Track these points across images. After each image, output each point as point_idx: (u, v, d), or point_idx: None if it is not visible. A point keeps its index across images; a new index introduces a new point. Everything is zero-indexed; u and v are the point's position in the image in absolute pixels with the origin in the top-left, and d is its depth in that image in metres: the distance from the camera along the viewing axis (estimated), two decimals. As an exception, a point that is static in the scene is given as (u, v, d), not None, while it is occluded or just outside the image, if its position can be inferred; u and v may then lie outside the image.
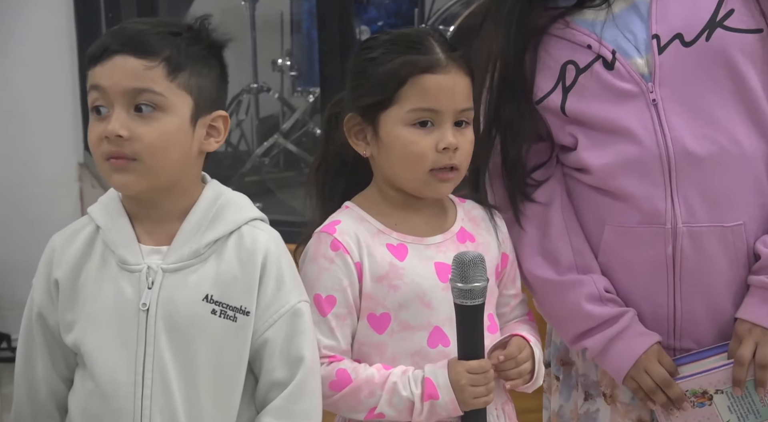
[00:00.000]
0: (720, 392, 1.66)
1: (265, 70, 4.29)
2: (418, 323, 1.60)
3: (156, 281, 1.46)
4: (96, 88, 1.44)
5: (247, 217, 1.52)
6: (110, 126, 1.42)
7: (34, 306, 1.53)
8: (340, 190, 1.70)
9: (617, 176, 1.66)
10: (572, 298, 1.70)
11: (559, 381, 1.85)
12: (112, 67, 1.43)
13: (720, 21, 1.64)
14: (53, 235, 1.54)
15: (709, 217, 1.64)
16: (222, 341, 1.47)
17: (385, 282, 1.60)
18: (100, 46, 1.45)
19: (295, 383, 1.49)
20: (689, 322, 1.68)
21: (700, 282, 1.66)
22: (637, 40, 1.67)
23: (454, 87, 1.59)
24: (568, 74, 1.69)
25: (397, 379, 1.56)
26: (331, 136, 1.70)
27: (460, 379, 1.55)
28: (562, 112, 1.69)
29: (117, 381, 1.45)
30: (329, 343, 1.58)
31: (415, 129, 1.59)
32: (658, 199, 1.64)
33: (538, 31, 1.70)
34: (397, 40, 1.63)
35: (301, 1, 4.09)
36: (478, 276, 1.53)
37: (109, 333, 1.46)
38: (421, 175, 1.60)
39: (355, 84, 1.64)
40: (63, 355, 1.52)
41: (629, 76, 1.66)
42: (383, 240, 1.62)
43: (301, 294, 1.53)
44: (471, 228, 1.68)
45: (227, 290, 1.48)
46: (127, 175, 1.44)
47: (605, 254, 1.71)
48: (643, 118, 1.64)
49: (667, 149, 1.63)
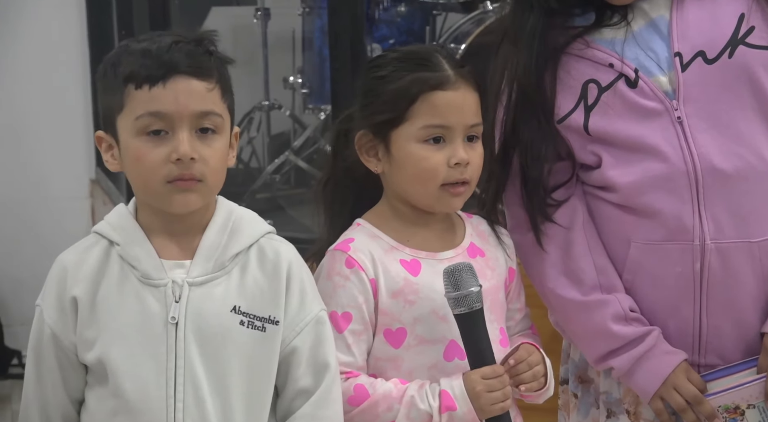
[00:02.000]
0: (752, 407, 1.65)
1: (277, 88, 4.31)
2: (434, 337, 1.61)
3: (183, 295, 1.47)
4: (156, 115, 1.42)
5: (263, 230, 1.54)
6: (183, 149, 1.42)
7: (45, 327, 1.50)
8: (348, 206, 1.71)
9: (644, 193, 1.66)
10: (597, 319, 1.69)
11: (578, 399, 1.83)
12: (176, 90, 1.43)
13: (742, 38, 1.64)
14: (60, 255, 1.53)
15: (737, 233, 1.63)
16: (252, 352, 1.48)
17: (400, 298, 1.60)
18: (154, 67, 1.42)
19: (322, 389, 1.50)
20: (715, 338, 1.67)
21: (726, 297, 1.65)
22: (659, 57, 1.66)
23: (464, 103, 1.61)
24: (590, 93, 1.68)
25: (414, 393, 1.56)
26: (340, 153, 1.71)
27: (475, 386, 1.55)
28: (585, 131, 1.69)
29: (148, 396, 1.45)
30: (346, 359, 1.58)
31: (426, 145, 1.60)
32: (686, 215, 1.64)
33: (557, 51, 1.70)
34: (405, 57, 1.64)
35: (312, 18, 4.10)
36: (470, 282, 1.55)
37: (136, 347, 1.46)
38: (434, 191, 1.61)
39: (365, 102, 1.65)
40: (75, 376, 1.51)
41: (653, 94, 1.65)
42: (397, 256, 1.63)
43: (321, 303, 1.56)
44: (480, 243, 1.69)
45: (254, 301, 1.49)
46: (191, 194, 1.45)
47: (631, 272, 1.70)
48: (669, 135, 1.64)
49: (694, 166, 1.63)
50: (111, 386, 1.47)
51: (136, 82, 1.43)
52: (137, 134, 1.44)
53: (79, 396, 1.53)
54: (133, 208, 1.53)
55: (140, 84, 1.43)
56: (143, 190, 1.47)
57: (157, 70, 1.43)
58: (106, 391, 1.48)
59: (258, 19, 4.22)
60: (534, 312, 1.79)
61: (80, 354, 1.49)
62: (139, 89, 1.43)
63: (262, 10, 4.21)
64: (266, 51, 4.22)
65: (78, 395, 1.52)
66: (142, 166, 1.44)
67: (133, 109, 1.44)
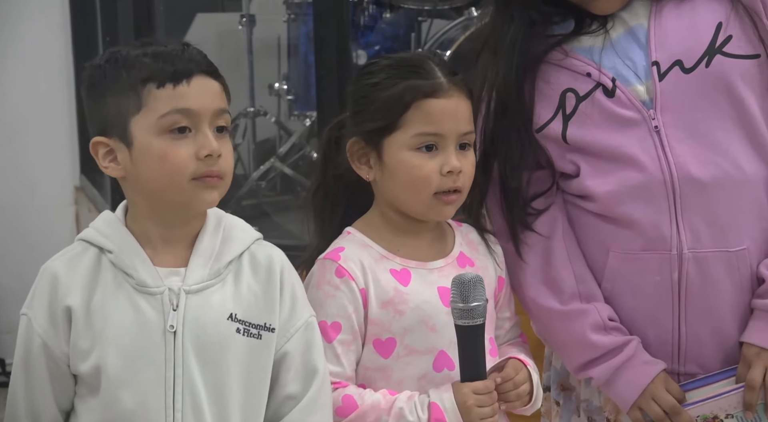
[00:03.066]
0: (730, 416, 1.64)
1: (262, 94, 4.31)
2: (424, 347, 1.60)
3: (180, 303, 1.46)
4: (183, 112, 1.43)
5: (254, 237, 1.54)
6: (212, 145, 1.43)
7: (35, 336, 1.47)
8: (339, 214, 1.70)
9: (622, 203, 1.65)
10: (577, 328, 1.68)
11: (560, 406, 1.83)
12: (200, 88, 1.45)
13: (719, 47, 1.63)
14: (47, 263, 1.50)
15: (714, 243, 1.63)
16: (248, 359, 1.48)
17: (390, 308, 1.59)
18: (175, 66, 1.44)
19: (310, 395, 1.50)
20: (694, 347, 1.66)
21: (705, 307, 1.64)
22: (636, 66, 1.66)
23: (457, 111, 1.60)
24: (567, 102, 1.68)
25: (403, 404, 1.55)
26: (330, 160, 1.70)
27: (466, 401, 1.54)
28: (563, 140, 1.68)
29: (146, 406, 1.44)
30: (335, 369, 1.57)
31: (419, 153, 1.59)
32: (663, 225, 1.63)
33: (536, 60, 1.69)
34: (398, 64, 1.64)
35: (298, 25, 4.11)
36: (478, 296, 1.54)
37: (134, 356, 1.45)
38: (426, 199, 1.60)
39: (357, 109, 1.64)
40: (65, 386, 1.49)
41: (630, 104, 1.65)
42: (387, 266, 1.62)
43: (310, 309, 1.56)
44: (469, 252, 1.68)
45: (249, 308, 1.49)
46: (215, 191, 1.46)
47: (610, 280, 1.69)
48: (646, 145, 1.63)
49: (671, 175, 1.62)
50: (104, 396, 1.45)
51: (158, 81, 1.43)
52: (160, 132, 1.43)
53: (68, 406, 1.51)
54: (122, 215, 1.51)
55: (163, 83, 1.43)
56: (164, 188, 1.45)
57: (181, 70, 1.44)
58: (98, 402, 1.46)
59: (243, 26, 4.22)
60: (523, 319, 1.78)
61: (73, 364, 1.47)
62: (162, 88, 1.43)
63: (247, 17, 4.22)
64: (251, 57, 4.23)
65: (67, 404, 1.50)
66: (168, 164, 1.43)
67: (156, 109, 1.43)
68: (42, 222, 4.26)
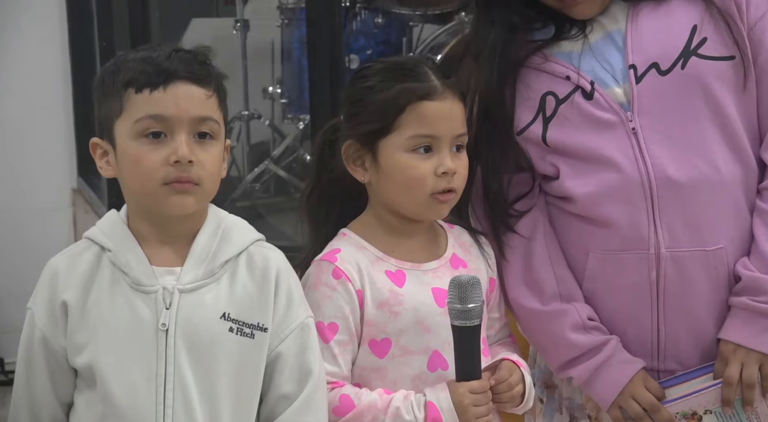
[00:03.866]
0: (709, 412, 1.65)
1: (256, 98, 4.32)
2: (418, 348, 1.60)
3: (173, 301, 1.46)
4: (155, 118, 1.43)
5: (253, 238, 1.53)
6: (182, 151, 1.42)
7: (36, 330, 1.49)
8: (333, 216, 1.69)
9: (601, 204, 1.65)
10: (556, 328, 1.69)
11: (543, 404, 1.83)
12: (176, 95, 1.43)
13: (694, 49, 1.63)
14: (51, 259, 1.51)
15: (691, 242, 1.63)
16: (240, 358, 1.48)
17: (386, 309, 1.59)
18: (154, 72, 1.43)
19: (304, 396, 1.50)
20: (673, 344, 1.67)
21: (682, 305, 1.65)
22: (614, 69, 1.66)
23: (451, 113, 1.60)
24: (547, 105, 1.68)
25: (399, 404, 1.55)
26: (325, 163, 1.70)
27: (463, 400, 1.54)
28: (543, 143, 1.68)
29: (137, 401, 1.44)
30: (332, 369, 1.57)
31: (414, 154, 1.59)
32: (641, 225, 1.63)
33: (516, 65, 1.69)
34: (392, 68, 1.64)
35: (291, 30, 4.10)
36: (476, 297, 1.54)
37: (127, 353, 1.45)
38: (422, 199, 1.60)
39: (352, 112, 1.64)
40: (64, 379, 1.50)
41: (608, 106, 1.65)
42: (383, 267, 1.61)
43: (308, 310, 1.55)
44: (462, 254, 1.68)
45: (243, 308, 1.49)
46: (187, 197, 1.45)
47: (590, 280, 1.70)
48: (624, 147, 1.64)
49: (648, 176, 1.63)
50: (100, 391, 1.46)
51: (136, 86, 1.44)
52: (136, 137, 1.44)
53: (68, 399, 1.51)
54: (125, 214, 1.52)
55: (140, 88, 1.43)
56: (140, 192, 1.46)
57: (158, 75, 1.44)
58: (96, 396, 1.46)
59: (237, 31, 4.23)
60: (512, 319, 1.78)
61: (70, 358, 1.48)
62: (140, 93, 1.43)
63: (241, 22, 4.22)
64: (246, 62, 4.23)
65: (67, 398, 1.51)
66: (140, 168, 1.44)
67: (133, 113, 1.44)
68: (40, 224, 4.26)
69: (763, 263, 1.62)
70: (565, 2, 1.67)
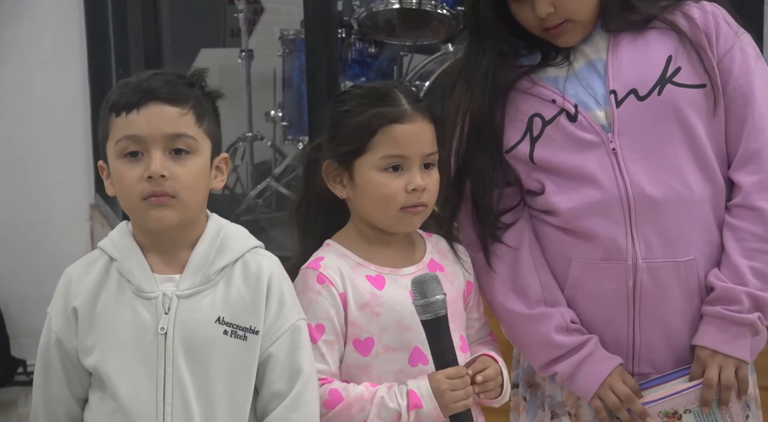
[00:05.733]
0: (688, 411, 1.65)
1: (259, 120, 4.31)
2: (400, 345, 1.61)
3: (172, 307, 1.47)
4: (131, 138, 1.44)
5: (249, 246, 1.53)
6: (153, 167, 1.43)
7: (52, 333, 1.51)
8: (319, 227, 1.70)
9: (583, 218, 1.66)
10: (542, 330, 1.69)
11: (527, 402, 1.83)
12: (148, 115, 1.44)
13: (669, 77, 1.65)
14: (67, 268, 1.54)
15: (665, 253, 1.64)
16: (234, 359, 1.48)
17: (367, 310, 1.60)
18: (131, 96, 1.44)
19: (294, 394, 1.49)
20: (647, 349, 1.68)
21: (656, 312, 1.66)
22: (596, 94, 1.68)
23: (420, 134, 1.61)
24: (534, 126, 1.69)
25: (384, 394, 1.56)
26: (311, 179, 1.70)
27: (440, 385, 1.55)
28: (530, 161, 1.70)
29: (140, 400, 1.46)
30: (321, 367, 1.57)
31: (386, 173, 1.60)
32: (619, 237, 1.64)
33: (506, 88, 1.71)
34: (367, 93, 1.65)
35: (292, 59, 4.11)
36: (436, 290, 1.56)
37: (130, 355, 1.47)
38: (394, 213, 1.61)
39: (331, 134, 1.65)
40: (78, 377, 1.52)
41: (590, 128, 1.66)
42: (363, 272, 1.62)
43: (300, 313, 1.54)
44: (439, 259, 1.69)
45: (237, 312, 1.49)
46: (165, 210, 1.45)
47: (571, 288, 1.70)
48: (605, 165, 1.65)
49: (627, 193, 1.64)
50: (108, 389, 1.48)
51: (116, 110, 1.45)
52: (118, 157, 1.46)
53: (84, 395, 1.53)
54: (132, 226, 1.54)
55: (119, 111, 1.45)
56: (127, 208, 1.48)
57: (133, 98, 1.44)
58: (106, 393, 1.48)
59: (243, 60, 4.23)
60: (493, 321, 1.79)
61: (81, 358, 1.50)
62: (119, 116, 1.45)
63: (246, 52, 4.22)
64: (250, 88, 4.23)
65: (83, 394, 1.53)
66: (123, 185, 1.46)
67: (115, 135, 1.46)
68: (60, 237, 4.25)
69: (735, 274, 1.64)
70: (549, 33, 1.67)
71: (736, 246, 1.65)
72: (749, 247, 1.64)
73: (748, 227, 1.64)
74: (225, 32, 4.72)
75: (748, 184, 1.65)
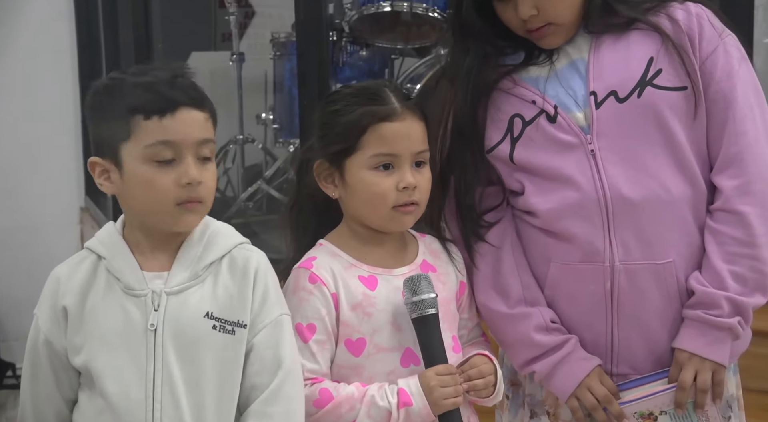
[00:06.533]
0: (664, 413, 1.65)
1: (250, 123, 4.32)
2: (391, 345, 1.60)
3: (161, 303, 1.47)
4: (166, 143, 1.42)
5: (236, 242, 1.53)
6: (192, 174, 1.43)
7: (40, 333, 1.50)
8: (312, 228, 1.69)
9: (561, 219, 1.66)
10: (522, 329, 1.69)
11: (509, 400, 1.84)
12: (182, 121, 1.43)
13: (650, 80, 1.63)
14: (55, 269, 1.52)
15: (643, 256, 1.63)
16: (223, 354, 1.48)
17: (359, 310, 1.59)
18: (162, 99, 1.42)
19: (272, 387, 1.48)
20: (625, 350, 1.67)
21: (635, 313, 1.65)
22: (576, 95, 1.66)
23: (410, 132, 1.60)
24: (515, 126, 1.68)
25: (374, 392, 1.55)
26: (303, 180, 1.69)
27: (429, 382, 1.54)
28: (510, 161, 1.69)
29: (129, 397, 1.45)
30: (312, 367, 1.57)
31: (377, 172, 1.59)
32: (597, 239, 1.63)
33: (488, 88, 1.70)
34: (357, 92, 1.63)
35: (283, 62, 4.12)
36: (426, 289, 1.56)
37: (119, 353, 1.46)
38: (385, 213, 1.60)
39: (322, 133, 1.64)
40: (67, 378, 1.50)
41: (569, 129, 1.65)
42: (355, 273, 1.61)
43: (283, 308, 1.54)
44: (432, 260, 1.68)
45: (225, 307, 1.48)
46: (195, 215, 1.46)
47: (551, 288, 1.70)
48: (583, 167, 1.64)
49: (605, 194, 1.63)
50: (96, 387, 1.46)
51: (144, 113, 1.42)
52: (146, 161, 1.43)
53: (73, 396, 1.52)
54: (120, 225, 1.53)
55: (149, 115, 1.42)
56: (149, 211, 1.46)
57: (166, 102, 1.42)
58: (95, 392, 1.47)
59: (234, 63, 4.23)
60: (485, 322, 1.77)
61: (70, 358, 1.48)
62: (148, 120, 1.42)
63: (237, 55, 4.23)
64: (241, 91, 4.24)
65: (71, 395, 1.52)
66: (154, 190, 1.43)
67: (142, 138, 1.42)
68: (50, 240, 4.25)
69: (715, 278, 1.63)
70: (533, 34, 1.67)
71: (716, 250, 1.64)
72: (730, 251, 1.63)
73: (728, 231, 1.63)
74: (216, 35, 4.73)
75: (729, 188, 1.64)
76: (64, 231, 4.34)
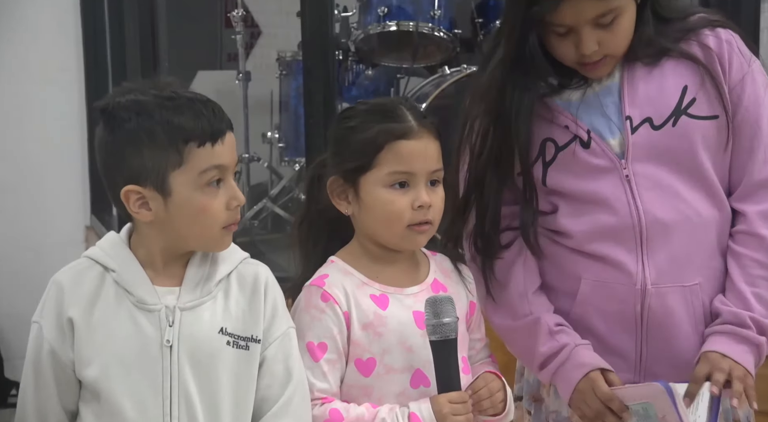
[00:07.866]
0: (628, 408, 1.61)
1: (256, 142, 4.32)
2: (401, 366, 1.58)
3: (175, 319, 1.46)
4: (219, 168, 1.45)
5: (241, 257, 1.54)
6: (241, 197, 1.47)
7: (44, 342, 1.46)
8: (322, 245, 1.68)
9: (594, 241, 1.66)
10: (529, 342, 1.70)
11: (531, 416, 1.82)
12: (229, 145, 1.46)
13: (684, 109, 1.65)
14: (55, 275, 1.49)
15: (672, 278, 1.65)
16: (238, 369, 1.48)
17: (370, 330, 1.58)
18: (211, 126, 1.44)
19: (283, 400, 1.49)
20: (653, 364, 1.68)
21: (663, 334, 1.66)
22: (610, 120, 1.67)
23: (426, 151, 1.59)
24: (547, 151, 1.68)
25: (385, 415, 1.53)
26: (314, 196, 1.68)
27: (442, 409, 1.53)
28: (543, 184, 1.69)
29: (146, 414, 1.43)
30: (322, 386, 1.55)
31: (392, 190, 1.58)
32: (630, 262, 1.64)
33: (528, 113, 1.67)
34: (373, 109, 1.63)
35: (289, 81, 4.13)
36: (449, 312, 1.55)
37: (134, 368, 1.44)
38: (400, 231, 1.59)
39: (336, 150, 1.63)
40: (70, 389, 1.48)
41: (603, 154, 1.66)
42: (367, 292, 1.60)
43: (290, 321, 1.55)
44: (443, 279, 1.67)
45: (237, 322, 1.49)
46: (231, 235, 1.50)
47: (580, 304, 1.70)
48: (618, 191, 1.65)
49: (639, 219, 1.64)
50: (108, 403, 1.44)
51: (198, 141, 1.43)
52: (200, 187, 1.44)
53: (73, 408, 1.49)
54: (125, 237, 1.51)
55: (203, 142, 1.43)
56: (197, 234, 1.46)
57: (218, 130, 1.45)
58: (103, 408, 1.45)
59: (240, 82, 4.24)
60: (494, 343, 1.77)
61: (78, 370, 1.46)
62: (202, 147, 1.43)
63: (243, 74, 4.23)
64: (247, 110, 4.24)
65: (72, 407, 1.49)
66: (206, 216, 1.45)
67: (198, 165, 1.44)
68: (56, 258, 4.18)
69: (740, 300, 1.64)
70: (586, 67, 1.65)
71: (739, 273, 1.66)
72: (753, 274, 1.65)
73: (751, 254, 1.65)
74: (222, 55, 4.74)
75: (753, 213, 1.66)
76: (70, 250, 4.32)
